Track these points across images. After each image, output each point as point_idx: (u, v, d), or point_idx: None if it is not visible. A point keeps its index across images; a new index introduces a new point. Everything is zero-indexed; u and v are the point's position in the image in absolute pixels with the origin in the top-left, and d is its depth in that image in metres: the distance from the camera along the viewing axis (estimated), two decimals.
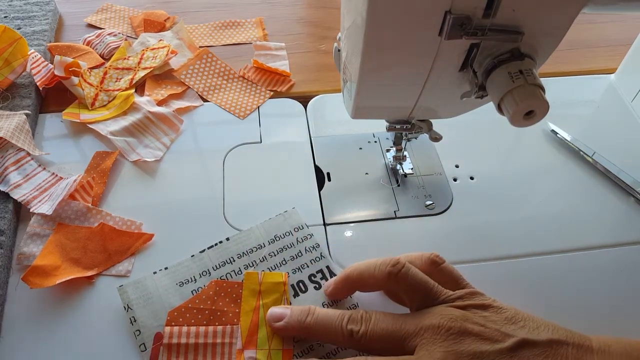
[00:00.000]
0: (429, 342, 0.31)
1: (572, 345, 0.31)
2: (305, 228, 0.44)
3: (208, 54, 0.59)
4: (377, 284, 0.37)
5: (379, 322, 0.33)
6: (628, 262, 0.44)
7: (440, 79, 0.35)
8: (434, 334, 0.31)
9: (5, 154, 0.47)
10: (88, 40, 0.61)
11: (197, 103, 0.56)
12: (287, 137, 0.53)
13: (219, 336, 0.37)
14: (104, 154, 0.48)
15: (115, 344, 0.37)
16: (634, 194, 0.48)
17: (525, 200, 0.48)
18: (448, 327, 0.31)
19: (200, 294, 0.39)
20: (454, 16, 0.29)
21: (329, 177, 0.49)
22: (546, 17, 0.30)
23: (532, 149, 0.53)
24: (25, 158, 0.47)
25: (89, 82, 0.55)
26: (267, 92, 0.57)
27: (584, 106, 0.58)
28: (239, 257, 0.42)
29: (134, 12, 0.67)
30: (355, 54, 0.34)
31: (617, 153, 0.50)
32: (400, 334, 0.32)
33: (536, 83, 0.30)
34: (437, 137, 0.43)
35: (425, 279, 0.35)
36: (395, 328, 0.33)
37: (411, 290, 0.35)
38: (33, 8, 0.63)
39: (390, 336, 0.33)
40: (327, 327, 0.34)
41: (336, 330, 0.34)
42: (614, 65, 0.60)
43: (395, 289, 0.36)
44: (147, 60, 0.57)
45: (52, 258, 0.40)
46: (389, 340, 0.33)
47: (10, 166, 0.46)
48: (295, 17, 0.69)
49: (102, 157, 0.48)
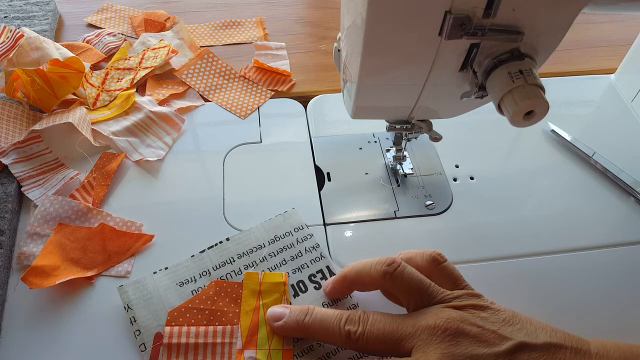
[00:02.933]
0: (425, 343, 0.31)
1: (570, 349, 0.31)
2: (305, 228, 0.44)
3: (209, 54, 0.59)
4: (373, 283, 0.37)
5: (376, 323, 0.33)
6: (628, 262, 0.44)
7: (440, 79, 0.35)
8: (431, 335, 0.31)
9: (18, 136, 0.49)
10: (87, 39, 0.61)
11: (198, 103, 0.56)
12: (287, 137, 0.53)
13: (219, 336, 0.37)
14: (110, 156, 0.48)
15: (115, 344, 0.37)
16: (634, 194, 0.48)
17: (525, 200, 0.48)
18: (445, 328, 0.31)
19: (200, 294, 0.39)
20: (454, 16, 0.29)
21: (329, 177, 0.49)
22: (546, 17, 0.30)
23: (532, 149, 0.53)
24: (37, 139, 0.49)
25: (91, 82, 0.55)
26: (268, 91, 0.57)
27: (584, 106, 0.58)
28: (239, 258, 0.42)
29: (134, 12, 0.67)
30: (355, 54, 0.34)
31: (617, 153, 0.50)
32: (397, 335, 0.32)
33: (536, 83, 0.30)
34: (437, 137, 0.43)
35: (421, 279, 0.35)
36: (392, 329, 0.33)
37: (407, 290, 0.35)
38: (33, 8, 0.63)
39: (387, 337, 0.32)
40: (325, 327, 0.34)
41: (334, 331, 0.34)
42: (614, 65, 0.60)
43: (391, 288, 0.36)
44: (148, 60, 0.57)
45: (52, 258, 0.40)
46: (386, 341, 0.32)
47: (18, 143, 0.48)
48: (295, 17, 0.69)
49: (109, 159, 0.48)
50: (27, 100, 0.51)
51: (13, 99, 0.52)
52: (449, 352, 0.30)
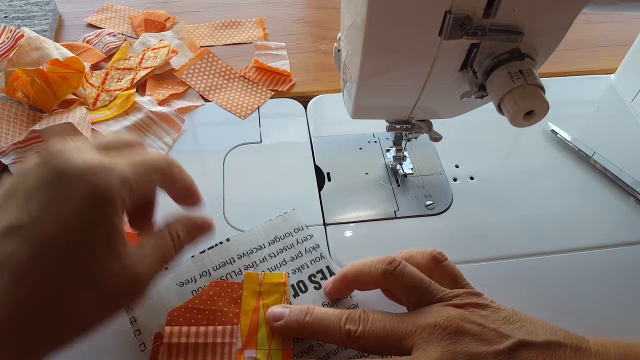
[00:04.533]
0: (426, 341, 0.31)
1: (570, 347, 0.31)
2: (305, 229, 0.44)
3: (209, 54, 0.59)
4: (373, 282, 0.37)
5: (376, 322, 0.33)
6: (628, 262, 0.44)
7: (440, 79, 0.35)
8: (431, 333, 0.31)
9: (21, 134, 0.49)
10: (87, 39, 0.61)
11: (198, 103, 0.56)
12: (287, 137, 0.53)
13: (219, 336, 0.37)
14: None
15: (115, 344, 0.37)
16: (634, 194, 0.48)
17: (525, 200, 0.48)
18: (445, 326, 0.31)
19: (201, 294, 0.39)
20: (454, 16, 0.29)
21: (329, 177, 0.49)
22: (546, 17, 0.30)
23: (532, 149, 0.53)
24: (37, 139, 0.49)
25: (91, 82, 0.55)
26: (268, 91, 0.57)
27: (584, 106, 0.58)
28: (239, 258, 0.42)
29: (134, 12, 0.67)
30: (355, 54, 0.34)
31: (617, 153, 0.50)
32: (398, 334, 0.32)
33: (536, 83, 0.30)
34: (437, 137, 0.43)
35: (421, 277, 0.35)
36: (392, 327, 0.33)
37: (407, 289, 0.35)
38: (33, 8, 0.63)
39: (387, 336, 0.32)
40: (325, 327, 0.34)
41: (334, 330, 0.34)
42: (614, 65, 0.60)
43: (391, 287, 0.36)
44: (148, 60, 0.57)
45: None
46: (386, 339, 0.32)
47: (18, 143, 0.48)
48: (295, 17, 0.69)
49: None
50: (27, 100, 0.51)
51: (13, 98, 0.52)
52: (449, 350, 0.30)
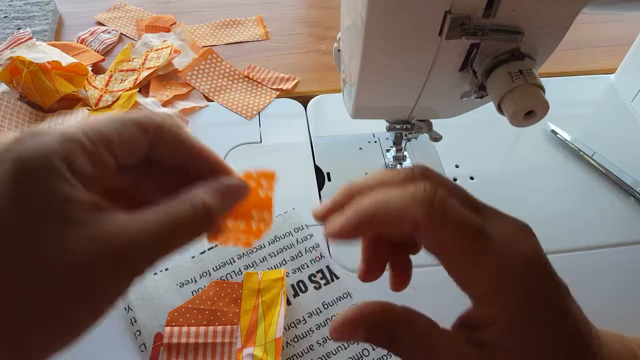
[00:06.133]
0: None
1: None
2: (305, 229, 0.44)
3: (212, 54, 0.59)
4: (403, 228, 0.23)
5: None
6: (628, 262, 0.44)
7: (440, 79, 0.35)
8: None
9: None
10: (82, 38, 0.61)
11: (201, 104, 0.56)
12: (287, 137, 0.53)
13: (219, 336, 0.37)
14: None
15: (116, 344, 0.37)
16: (634, 194, 0.48)
17: (526, 200, 0.48)
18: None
19: (201, 295, 0.39)
20: (453, 16, 0.29)
21: (329, 177, 0.49)
22: (546, 17, 0.30)
23: (532, 149, 0.53)
24: None
25: (94, 85, 0.55)
26: (273, 92, 0.57)
27: (584, 106, 0.58)
28: (239, 258, 0.42)
29: (143, 13, 0.67)
30: (355, 54, 0.34)
31: (617, 153, 0.50)
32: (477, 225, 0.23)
33: (536, 83, 0.30)
34: (437, 137, 0.43)
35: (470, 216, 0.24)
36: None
37: (456, 232, 0.22)
38: (33, 8, 0.63)
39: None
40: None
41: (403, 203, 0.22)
42: (614, 65, 0.60)
43: (434, 236, 0.23)
44: (151, 60, 0.57)
45: None
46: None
47: None
48: (295, 17, 0.69)
49: None
50: (23, 93, 0.51)
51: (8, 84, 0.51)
52: None
